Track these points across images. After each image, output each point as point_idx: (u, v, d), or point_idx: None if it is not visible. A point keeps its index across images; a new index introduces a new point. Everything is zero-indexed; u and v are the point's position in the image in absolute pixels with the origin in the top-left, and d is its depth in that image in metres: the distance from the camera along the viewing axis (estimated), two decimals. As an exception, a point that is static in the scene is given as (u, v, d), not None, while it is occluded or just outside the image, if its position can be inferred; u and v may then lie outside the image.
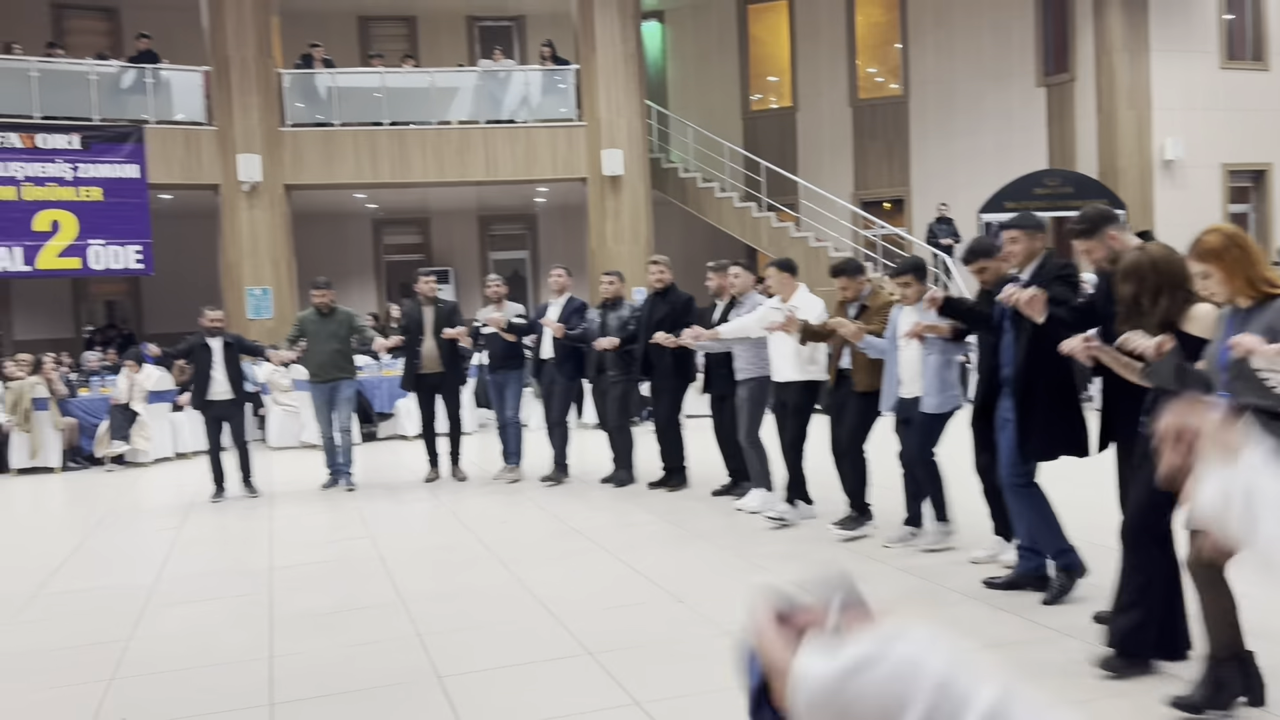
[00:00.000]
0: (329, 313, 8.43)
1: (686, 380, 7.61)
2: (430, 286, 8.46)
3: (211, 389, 8.08)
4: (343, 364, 8.44)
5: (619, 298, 7.96)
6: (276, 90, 14.08)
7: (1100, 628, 3.87)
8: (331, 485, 8.44)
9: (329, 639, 4.43)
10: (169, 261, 14.84)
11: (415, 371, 8.36)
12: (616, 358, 7.79)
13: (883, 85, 17.86)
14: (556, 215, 18.19)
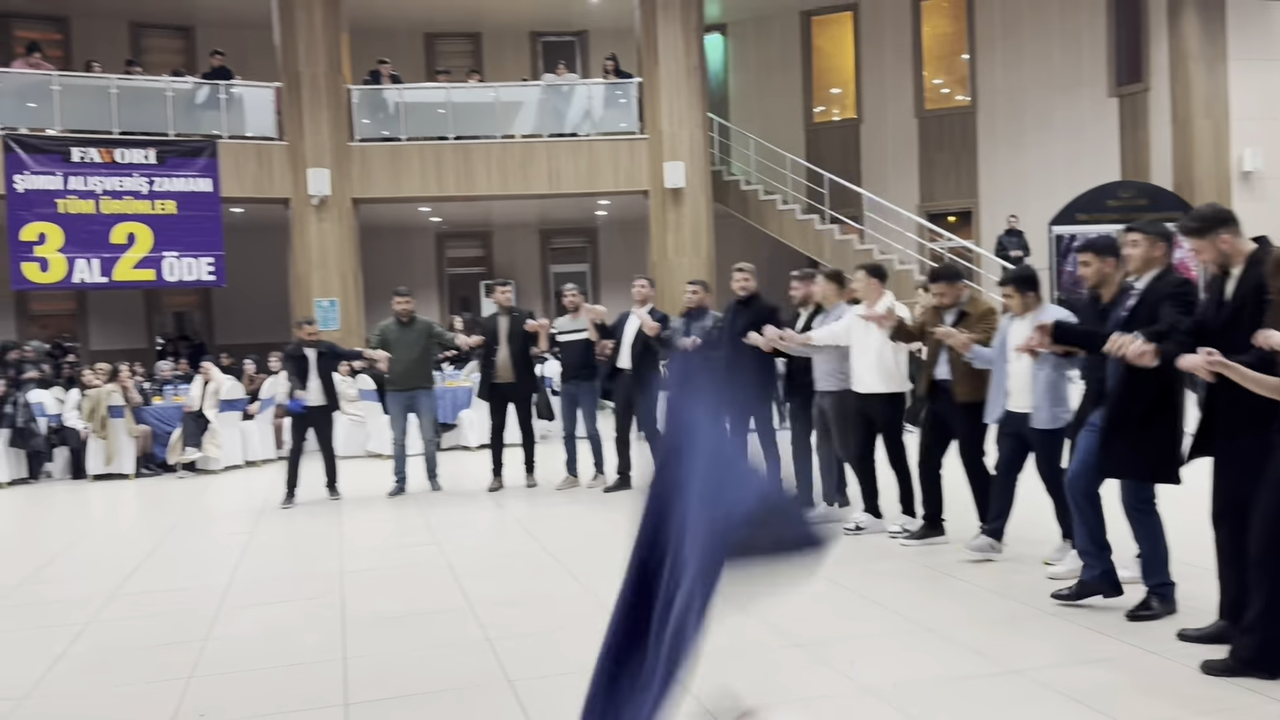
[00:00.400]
0: (409, 322, 8.62)
1: (765, 390, 7.37)
2: (505, 296, 8.62)
3: (307, 396, 8.32)
4: (422, 373, 8.63)
5: (703, 307, 7.83)
6: (346, 106, 14.35)
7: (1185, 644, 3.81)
8: (398, 493, 8.53)
9: (400, 642, 4.45)
10: (239, 274, 15.17)
11: (490, 380, 8.47)
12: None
13: (949, 96, 17.64)
14: (617, 228, 18.25)
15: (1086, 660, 3.86)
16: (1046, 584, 4.91)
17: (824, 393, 6.52)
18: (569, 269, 19.12)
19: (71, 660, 4.42)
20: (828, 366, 6.45)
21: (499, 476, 8.60)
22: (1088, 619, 4.35)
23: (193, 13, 16.92)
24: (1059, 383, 5.06)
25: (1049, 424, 5.04)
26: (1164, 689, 3.53)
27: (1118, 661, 3.83)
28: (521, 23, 18.11)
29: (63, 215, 13.03)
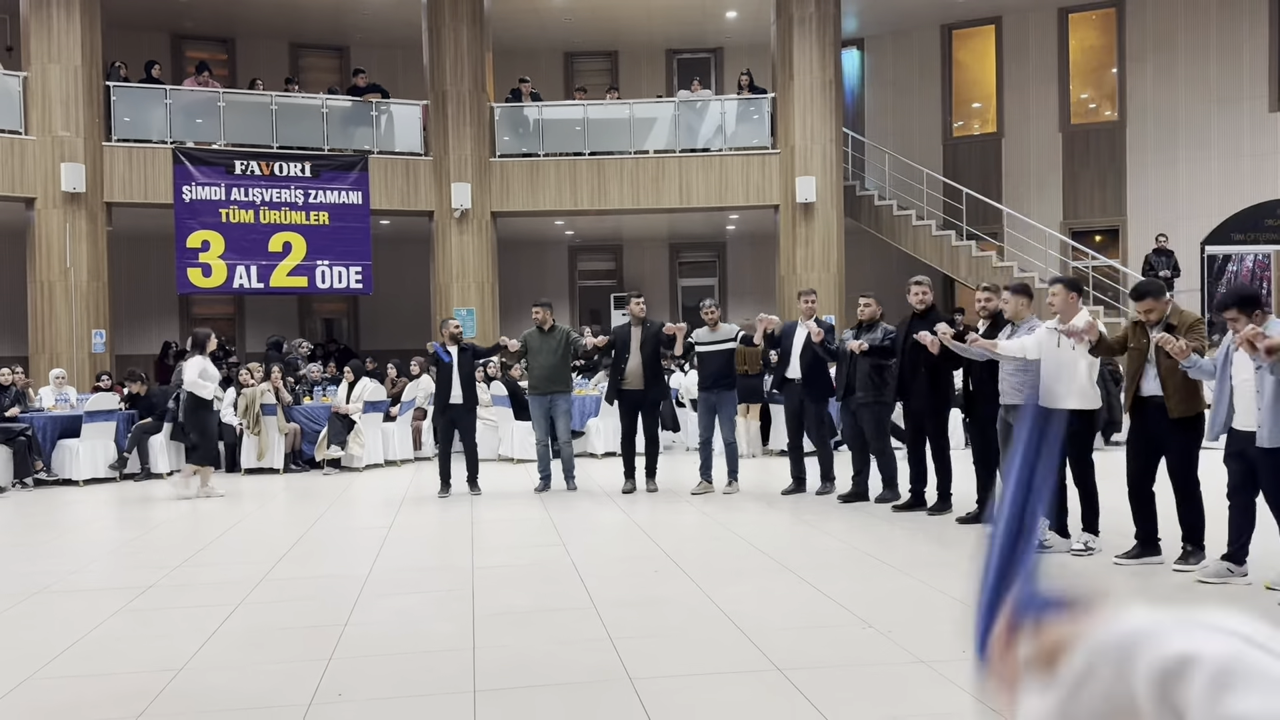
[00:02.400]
0: (549, 330, 9.09)
1: (941, 404, 7.41)
2: (640, 307, 8.96)
3: (451, 394, 8.87)
4: (560, 378, 9.07)
5: (875, 320, 7.95)
6: (488, 122, 14.86)
7: None
8: (543, 489, 9.05)
9: (527, 635, 4.60)
10: (384, 282, 15.88)
11: (619, 386, 8.81)
12: (867, 378, 7.79)
13: (1096, 111, 17.04)
14: (745, 242, 18.28)
15: None
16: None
17: (1009, 406, 6.46)
18: (697, 283, 19.25)
19: (223, 638, 4.74)
20: (1015, 380, 6.38)
21: (632, 479, 8.92)
22: None
23: (347, 33, 17.83)
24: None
25: (1274, 442, 4.81)
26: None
27: None
28: (657, 41, 18.38)
29: (225, 224, 13.91)
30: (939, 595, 5.21)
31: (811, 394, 8.28)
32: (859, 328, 7.99)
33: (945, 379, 7.39)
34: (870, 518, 7.49)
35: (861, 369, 7.85)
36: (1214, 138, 15.89)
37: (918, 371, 7.29)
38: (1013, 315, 6.61)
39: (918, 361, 7.27)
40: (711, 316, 8.81)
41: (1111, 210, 16.68)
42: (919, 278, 7.63)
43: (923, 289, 7.42)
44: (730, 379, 8.71)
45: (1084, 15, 16.94)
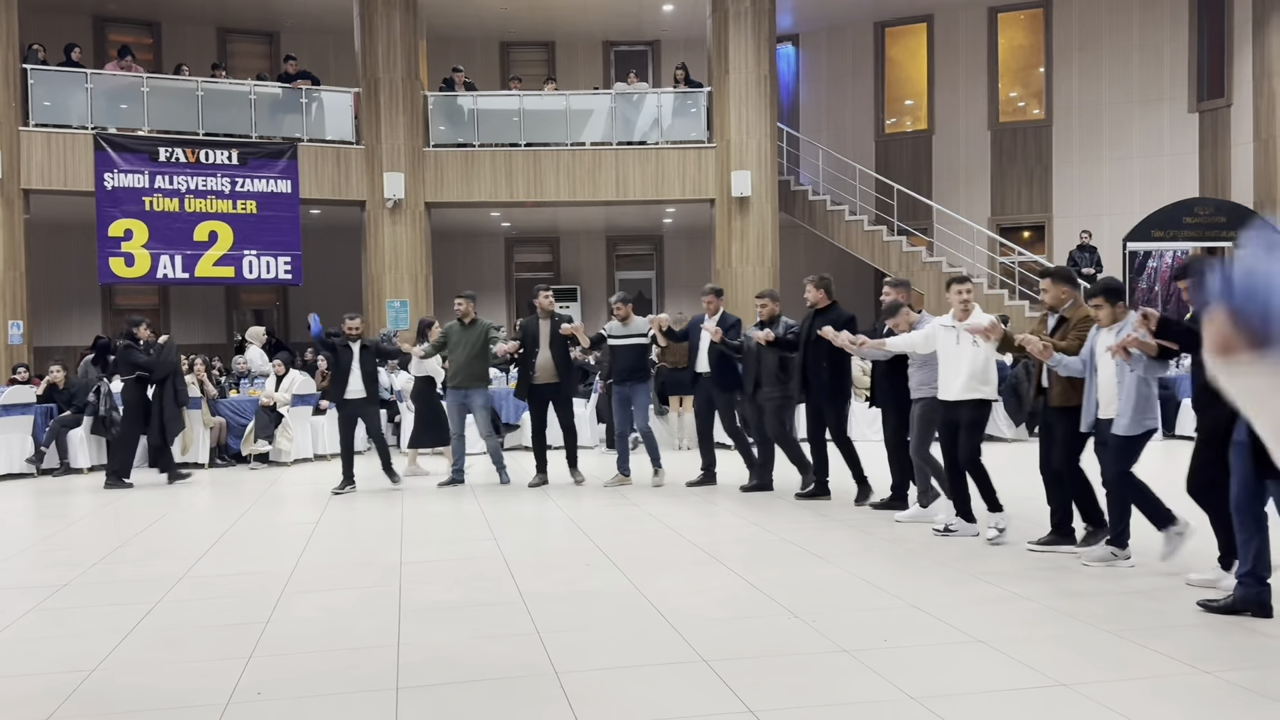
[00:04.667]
0: (470, 323, 8.99)
1: (840, 398, 7.72)
2: (549, 300, 8.88)
3: (348, 388, 8.76)
4: (477, 373, 8.95)
5: (775, 317, 8.12)
6: (422, 111, 14.68)
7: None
8: (451, 484, 8.99)
9: (454, 631, 4.57)
10: (315, 273, 15.61)
11: (530, 382, 8.77)
12: (773, 373, 7.94)
13: (1024, 109, 17.41)
14: (683, 236, 18.34)
15: (1131, 677, 3.82)
16: (1106, 595, 4.85)
17: (916, 399, 6.73)
18: (635, 275, 19.27)
19: (138, 637, 4.62)
20: (920, 375, 6.66)
21: (542, 473, 8.94)
22: (1136, 633, 4.29)
23: (277, 19, 17.46)
24: (1145, 389, 5.12)
25: (1130, 430, 5.12)
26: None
27: (1164, 673, 3.78)
28: (595, 33, 18.33)
29: (149, 212, 13.55)
30: (861, 583, 5.29)
31: (719, 387, 8.40)
32: (760, 327, 8.11)
33: (845, 372, 7.71)
34: (797, 509, 7.57)
35: (767, 364, 7.98)
36: (1136, 137, 16.34)
37: (819, 365, 7.53)
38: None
39: (819, 355, 7.51)
40: (622, 311, 8.81)
41: (1038, 207, 17.07)
42: (812, 276, 7.88)
43: (811, 286, 7.72)
44: (643, 372, 8.77)
45: (1013, 15, 17.28)
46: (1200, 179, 15.91)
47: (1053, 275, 5.93)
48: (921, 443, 6.73)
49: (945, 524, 6.41)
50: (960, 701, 3.60)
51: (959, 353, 6.18)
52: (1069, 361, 5.48)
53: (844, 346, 7.07)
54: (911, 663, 4.05)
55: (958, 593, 5.14)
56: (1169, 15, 16.21)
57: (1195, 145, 16.05)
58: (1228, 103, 15.59)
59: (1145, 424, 5.17)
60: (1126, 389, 5.16)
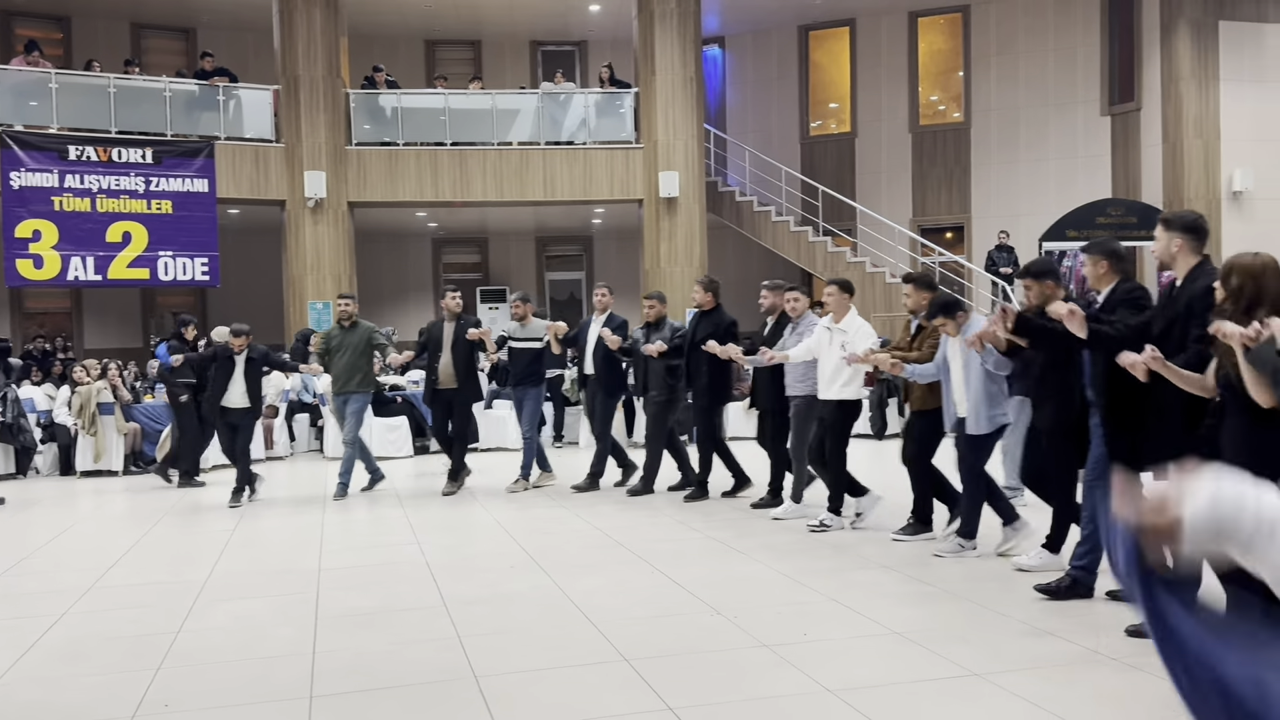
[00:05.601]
0: (351, 326, 8.66)
1: (723, 397, 7.92)
2: (456, 302, 8.59)
3: (228, 398, 8.37)
4: (357, 377, 8.61)
5: (661, 319, 8.13)
6: (344, 109, 14.44)
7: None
8: (372, 486, 8.82)
9: (371, 637, 4.49)
10: (235, 274, 15.25)
11: (433, 386, 8.51)
12: (661, 377, 7.96)
13: (944, 112, 17.76)
14: (612, 236, 18.34)
15: (1043, 662, 3.91)
16: (1014, 588, 4.95)
17: (793, 398, 6.94)
18: (565, 276, 19.21)
19: (43, 650, 4.46)
20: (797, 374, 6.89)
21: (455, 479, 8.67)
22: (1037, 615, 4.39)
23: (193, 15, 17.03)
24: (992, 385, 5.46)
25: (982, 429, 5.48)
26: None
27: (1071, 660, 3.88)
28: (521, 32, 18.23)
29: (58, 213, 13.10)
30: (783, 578, 5.33)
31: (605, 389, 8.32)
32: (647, 328, 8.13)
33: (725, 375, 7.87)
34: (724, 507, 7.60)
35: (655, 368, 8.00)
36: (1051, 139, 16.79)
37: (700, 369, 7.68)
38: (796, 313, 7.10)
39: (701, 359, 7.64)
40: (519, 311, 8.59)
41: (957, 208, 17.43)
42: (701, 278, 8.06)
43: (700, 288, 7.86)
44: (536, 376, 8.53)
45: (932, 19, 17.62)
46: (1112, 180, 16.40)
47: (915, 281, 6.21)
48: (800, 440, 6.90)
49: (820, 519, 6.58)
50: (876, 693, 3.64)
51: (834, 353, 6.42)
52: (922, 370, 5.84)
53: (737, 360, 7.30)
54: (830, 656, 4.09)
55: (877, 586, 5.21)
56: (1082, 21, 16.68)
57: (1108, 148, 16.54)
58: (1137, 106, 16.10)
59: (995, 420, 5.51)
60: (974, 388, 5.46)
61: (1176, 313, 4.01)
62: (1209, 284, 3.86)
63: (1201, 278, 3.99)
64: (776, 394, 7.15)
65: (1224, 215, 15.28)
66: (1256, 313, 3.38)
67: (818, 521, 6.59)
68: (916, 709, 3.51)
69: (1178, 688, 1.25)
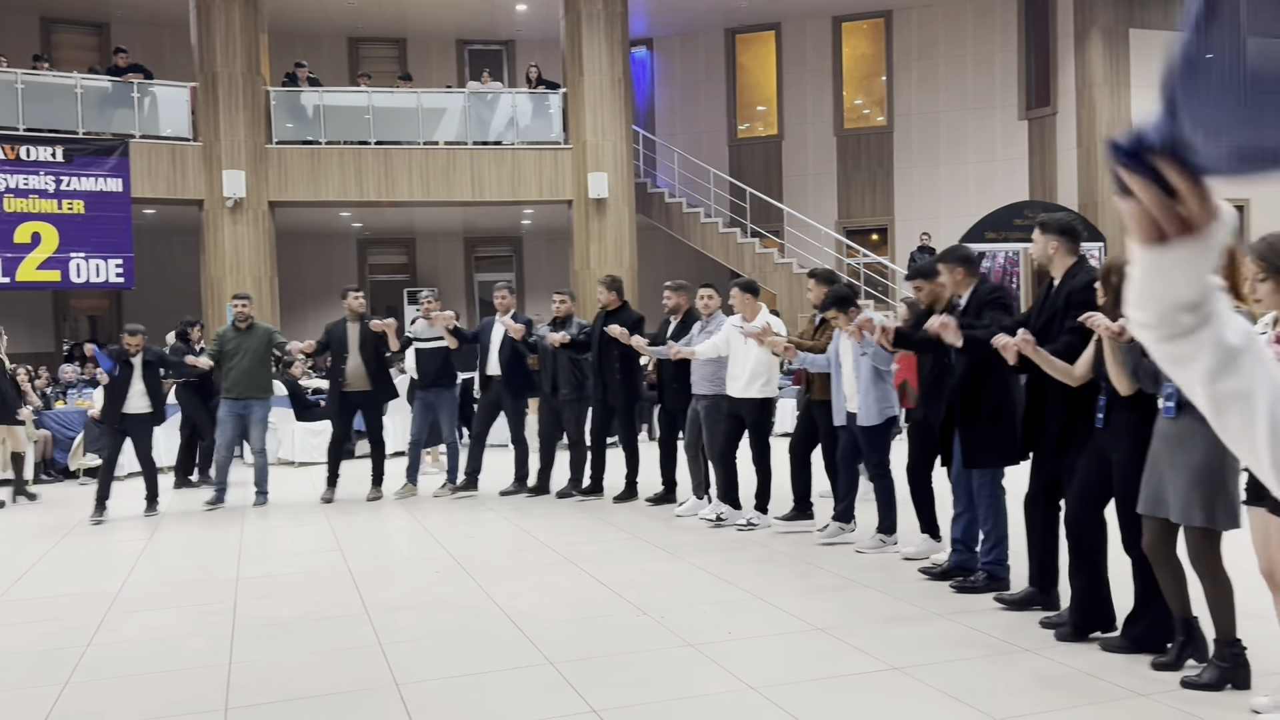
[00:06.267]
0: (247, 328, 8.25)
1: (637, 395, 7.94)
2: (359, 303, 8.31)
3: (127, 403, 7.86)
4: (258, 382, 8.26)
5: (569, 316, 8.07)
6: (264, 107, 14.13)
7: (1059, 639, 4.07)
8: (216, 504, 8.17)
9: (289, 647, 4.40)
10: (151, 276, 14.84)
11: (340, 389, 8.22)
12: (569, 374, 7.91)
13: (868, 116, 18.04)
14: (542, 237, 18.26)
15: (956, 644, 3.99)
16: (929, 582, 5.05)
17: (699, 396, 7.00)
18: (494, 277, 19.03)
19: (-57, 667, 4.28)
20: (704, 372, 6.95)
21: (333, 487, 8.37)
22: (935, 603, 4.49)
23: (107, 9, 16.52)
24: (880, 380, 5.70)
25: (873, 420, 5.69)
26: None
27: (987, 648, 3.97)
28: (447, 30, 18.05)
29: (-38, 213, 12.59)
30: (709, 577, 5.36)
31: (511, 390, 8.16)
32: (554, 324, 8.09)
33: (635, 373, 7.87)
34: (651, 509, 7.61)
35: (563, 365, 7.96)
36: (971, 143, 17.17)
37: (612, 367, 7.67)
38: (708, 312, 7.17)
39: (611, 357, 7.65)
40: (429, 306, 8.32)
41: (881, 210, 17.73)
42: (604, 278, 8.09)
43: (604, 288, 7.87)
44: (449, 377, 8.37)
45: (856, 24, 17.89)
46: (1029, 183, 16.84)
47: (817, 277, 6.42)
48: (713, 439, 6.96)
49: (748, 520, 6.65)
50: (798, 689, 3.68)
51: (746, 351, 6.51)
52: (815, 359, 6.05)
53: (644, 351, 7.33)
54: (754, 653, 4.13)
55: (801, 582, 5.27)
56: (999, 27, 17.09)
57: (1025, 151, 16.97)
58: (1053, 111, 16.55)
59: (885, 412, 5.72)
60: (863, 381, 5.69)
61: (1057, 308, 4.23)
62: (1088, 280, 4.08)
63: (1080, 274, 4.22)
64: (683, 393, 7.21)
65: (1135, 217, 15.77)
66: None
67: (745, 520, 6.66)
68: (837, 704, 3.56)
69: None
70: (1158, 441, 3.61)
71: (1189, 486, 3.45)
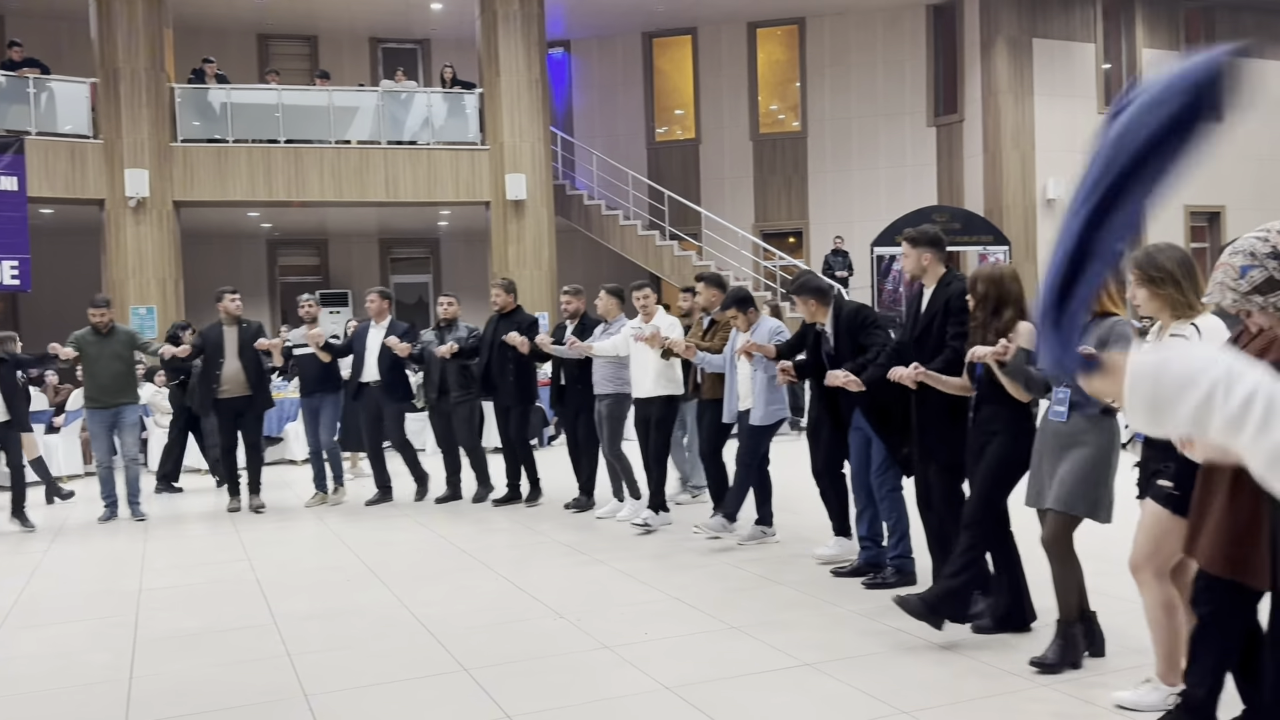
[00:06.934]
0: (108, 332, 7.87)
1: (529, 400, 7.93)
2: (236, 305, 8.02)
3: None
4: (125, 388, 7.93)
5: (455, 319, 7.99)
6: (168, 104, 13.72)
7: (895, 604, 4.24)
8: (109, 518, 7.86)
9: (193, 660, 4.27)
10: (49, 279, 14.28)
11: (214, 395, 7.92)
12: (457, 377, 7.86)
13: (783, 121, 18.29)
14: (460, 239, 18.08)
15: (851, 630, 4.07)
16: (839, 579, 5.15)
17: (601, 396, 7.08)
18: (411, 279, 18.81)
19: None
20: (606, 373, 7.04)
21: (236, 496, 8.15)
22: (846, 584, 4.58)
23: (1, 1, 15.84)
24: (772, 384, 5.86)
25: (763, 420, 5.88)
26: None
27: (891, 640, 4.06)
28: (360, 28, 17.75)
29: None
30: (626, 579, 5.38)
31: (391, 397, 8.03)
32: (439, 327, 8.02)
33: (531, 376, 7.92)
34: (567, 513, 7.59)
35: (451, 369, 7.90)
36: (882, 148, 17.54)
37: (505, 369, 7.64)
38: (608, 314, 7.29)
39: (505, 360, 7.63)
40: (311, 311, 8.14)
41: (796, 214, 17.99)
42: (498, 280, 8.11)
43: (498, 291, 7.84)
44: (331, 383, 8.16)
45: (770, 30, 18.13)
46: (938, 188, 17.28)
47: (706, 280, 6.60)
48: (613, 440, 7.06)
49: (644, 519, 6.68)
50: (712, 687, 3.71)
51: (648, 353, 6.59)
52: (712, 359, 6.19)
53: (544, 349, 7.33)
54: (670, 653, 4.15)
55: (716, 583, 5.32)
56: (909, 36, 17.50)
57: (934, 157, 17.41)
58: (960, 118, 17.01)
59: (776, 414, 5.92)
60: (758, 383, 5.86)
61: (935, 312, 4.51)
62: (963, 287, 4.34)
63: (954, 282, 4.50)
64: (585, 393, 7.24)
65: (1039, 221, 16.32)
66: (1003, 312, 3.97)
67: (641, 520, 6.70)
68: (750, 701, 3.60)
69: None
70: (1045, 439, 3.77)
71: (1075, 480, 3.62)
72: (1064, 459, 3.66)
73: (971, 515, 4.08)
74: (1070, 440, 3.65)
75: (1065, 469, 3.64)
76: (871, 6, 17.37)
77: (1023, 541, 4.24)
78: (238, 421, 8.01)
